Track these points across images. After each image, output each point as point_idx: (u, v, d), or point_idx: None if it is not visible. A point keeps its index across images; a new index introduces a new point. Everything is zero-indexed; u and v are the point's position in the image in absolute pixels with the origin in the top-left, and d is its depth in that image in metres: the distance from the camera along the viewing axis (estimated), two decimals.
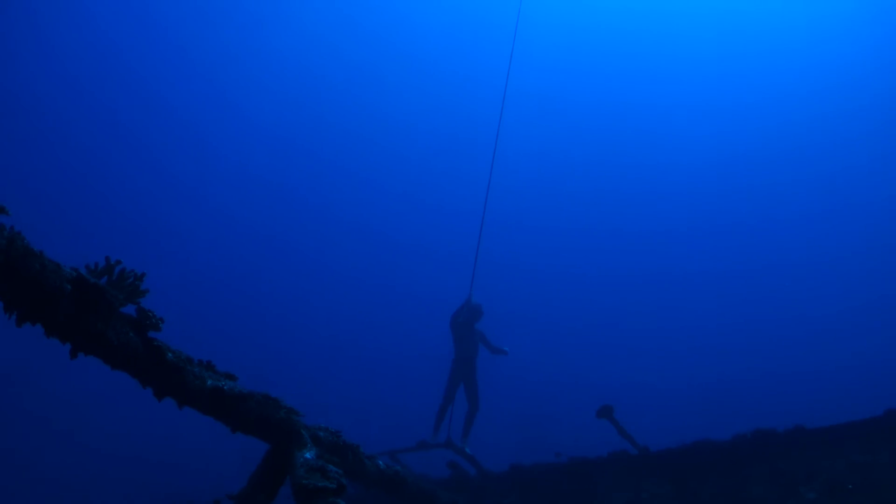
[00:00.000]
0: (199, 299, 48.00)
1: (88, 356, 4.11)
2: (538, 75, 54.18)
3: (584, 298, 53.72)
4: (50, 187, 50.18)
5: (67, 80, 52.02)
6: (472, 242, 13.87)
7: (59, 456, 38.63)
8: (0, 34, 48.29)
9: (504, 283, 45.91)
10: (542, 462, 10.54)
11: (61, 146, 52.19)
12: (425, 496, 8.28)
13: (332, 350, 50.57)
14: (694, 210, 55.11)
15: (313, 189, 58.27)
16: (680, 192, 55.27)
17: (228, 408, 4.67)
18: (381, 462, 6.84)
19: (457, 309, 13.91)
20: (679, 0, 53.35)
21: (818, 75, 52.35)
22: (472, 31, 55.61)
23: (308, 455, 4.83)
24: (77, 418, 39.96)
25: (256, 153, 57.03)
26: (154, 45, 53.89)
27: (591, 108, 57.21)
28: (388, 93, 58.21)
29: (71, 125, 52.79)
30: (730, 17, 52.59)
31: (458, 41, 56.90)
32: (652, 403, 36.29)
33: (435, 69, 58.11)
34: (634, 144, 56.58)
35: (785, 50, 52.79)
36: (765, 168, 53.79)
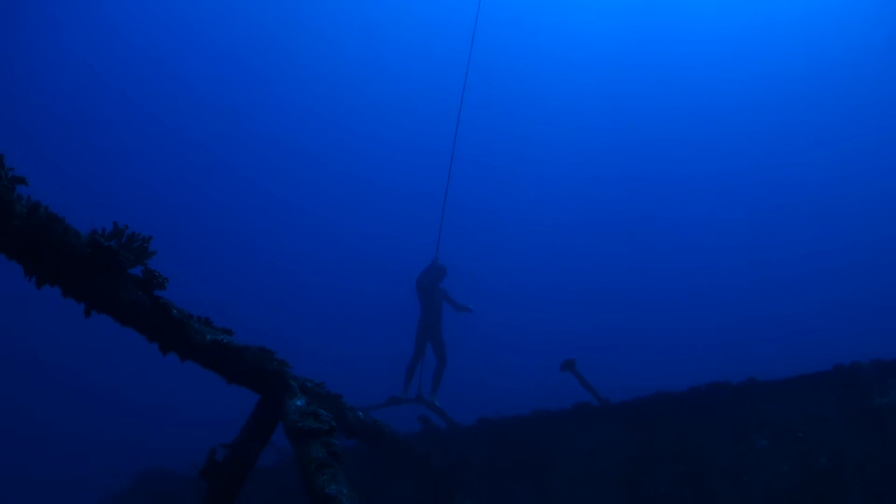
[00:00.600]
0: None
1: (101, 314, 4.59)
2: (503, 43, 54.78)
3: (550, 255, 55.04)
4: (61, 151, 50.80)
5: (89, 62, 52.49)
6: (439, 205, 14.58)
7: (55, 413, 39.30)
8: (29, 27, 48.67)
9: (471, 242, 46.85)
10: (508, 415, 11.23)
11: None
12: (401, 446, 8.92)
13: (301, 308, 51.28)
14: (657, 158, 56.49)
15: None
16: (645, 142, 56.62)
17: (226, 360, 5.19)
18: (360, 413, 7.42)
19: (423, 271, 14.61)
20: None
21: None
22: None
23: (299, 402, 5.38)
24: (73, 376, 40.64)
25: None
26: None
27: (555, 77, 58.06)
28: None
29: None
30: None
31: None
32: (616, 354, 37.70)
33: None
34: (592, 100, 57.49)
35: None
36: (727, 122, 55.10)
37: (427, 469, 10.17)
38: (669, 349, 43.89)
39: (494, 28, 50.89)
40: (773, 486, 8.69)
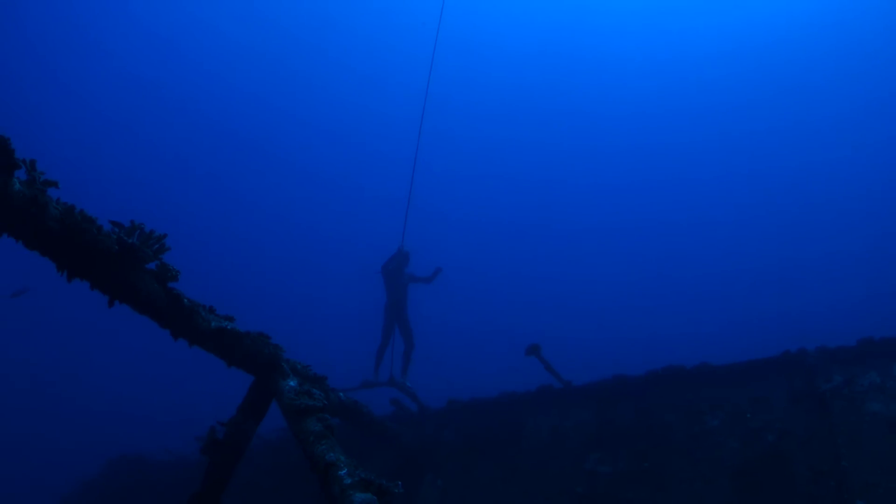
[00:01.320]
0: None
1: (122, 304, 5.28)
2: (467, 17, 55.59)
3: (513, 247, 56.48)
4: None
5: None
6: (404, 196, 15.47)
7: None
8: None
9: (436, 232, 47.82)
10: (476, 397, 12.03)
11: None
12: (377, 425, 9.70)
13: (271, 294, 51.96)
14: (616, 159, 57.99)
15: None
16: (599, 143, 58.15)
17: (229, 345, 5.92)
18: (341, 394, 8.19)
19: (388, 258, 15.43)
20: None
21: None
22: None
23: (292, 383, 6.13)
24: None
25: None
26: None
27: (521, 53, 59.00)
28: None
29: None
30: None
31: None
32: (572, 344, 38.99)
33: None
34: (557, 90, 58.69)
35: None
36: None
37: (400, 448, 10.95)
38: (633, 334, 45.42)
39: (462, 26, 51.92)
40: (723, 462, 9.49)
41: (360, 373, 14.92)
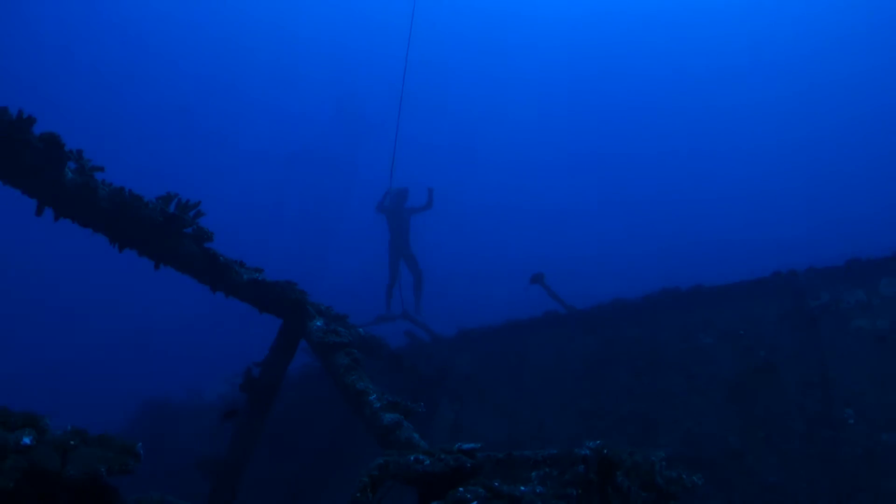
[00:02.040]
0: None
1: (167, 266, 6.17)
2: None
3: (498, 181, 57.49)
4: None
5: None
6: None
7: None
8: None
9: (431, 164, 48.54)
10: (485, 325, 12.91)
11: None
12: (395, 358, 10.68)
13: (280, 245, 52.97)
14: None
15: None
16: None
17: (261, 294, 6.82)
18: (360, 330, 9.13)
19: (381, 198, 16.00)
20: None
21: None
22: None
23: (319, 323, 7.05)
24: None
25: None
26: None
27: None
28: None
29: None
30: None
31: None
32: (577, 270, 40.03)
33: None
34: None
35: None
36: None
37: (416, 377, 11.93)
38: (629, 263, 46.42)
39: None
40: (717, 377, 10.37)
41: (374, 310, 15.79)
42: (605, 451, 2.58)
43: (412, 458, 2.79)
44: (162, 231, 5.82)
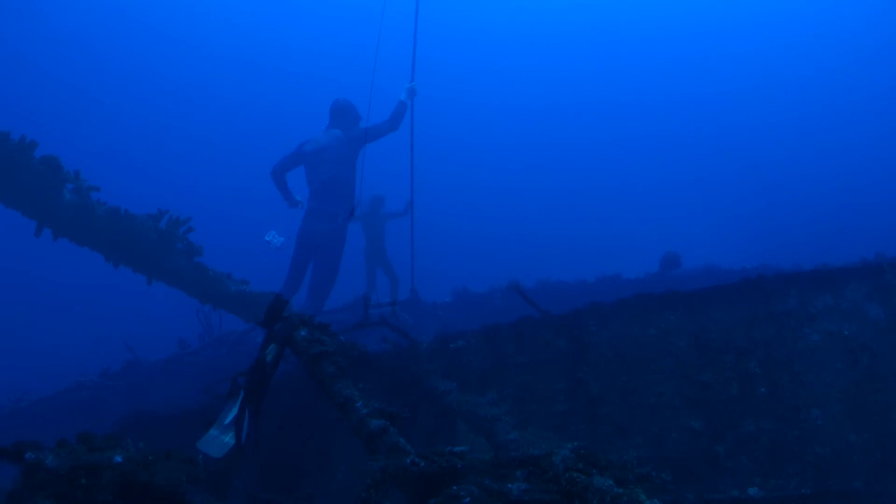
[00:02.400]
0: None
1: (158, 281, 6.45)
2: None
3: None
4: None
5: None
6: None
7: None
8: None
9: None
10: (461, 329, 13.22)
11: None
12: (374, 363, 10.97)
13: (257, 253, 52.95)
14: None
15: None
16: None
17: (248, 306, 7.10)
18: (341, 337, 9.41)
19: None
20: None
21: None
22: None
23: (303, 332, 7.33)
24: None
25: None
26: None
27: None
28: None
29: None
30: None
31: None
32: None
33: None
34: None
35: None
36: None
37: (394, 382, 12.19)
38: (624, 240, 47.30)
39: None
40: (689, 378, 10.79)
41: (352, 316, 15.96)
42: (583, 451, 2.90)
43: (408, 460, 3.08)
44: (155, 247, 6.09)
